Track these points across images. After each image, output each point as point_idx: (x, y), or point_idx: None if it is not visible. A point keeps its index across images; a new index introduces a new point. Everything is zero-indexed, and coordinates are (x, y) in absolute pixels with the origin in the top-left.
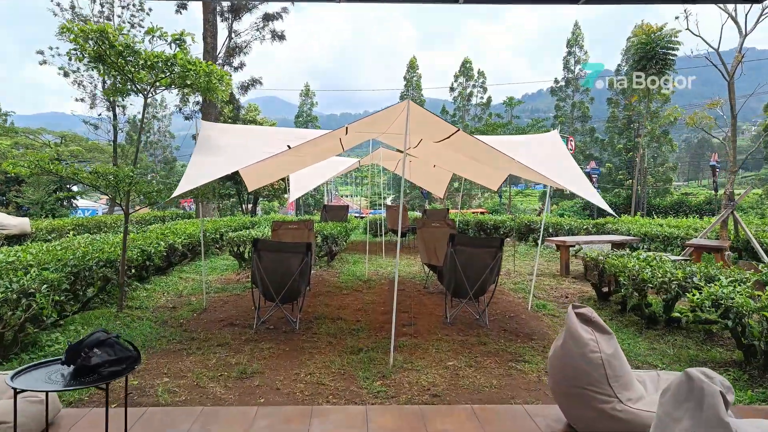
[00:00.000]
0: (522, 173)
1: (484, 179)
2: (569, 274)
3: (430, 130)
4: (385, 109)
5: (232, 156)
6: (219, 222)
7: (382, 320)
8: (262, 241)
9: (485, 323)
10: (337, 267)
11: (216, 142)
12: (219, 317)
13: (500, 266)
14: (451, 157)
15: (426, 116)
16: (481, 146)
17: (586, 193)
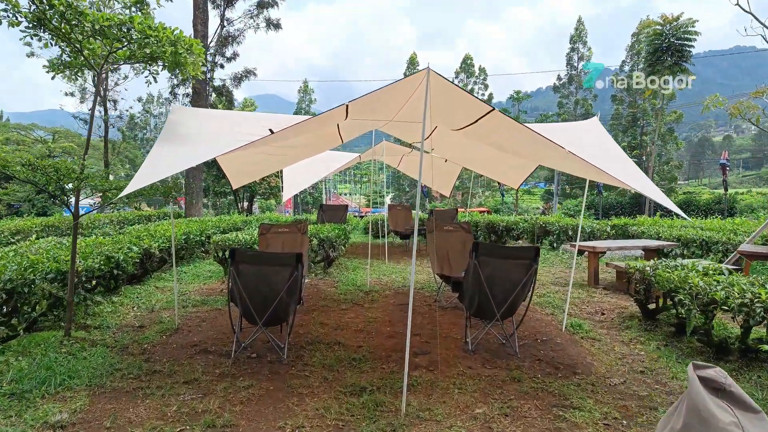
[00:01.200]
0: (571, 168)
1: (504, 175)
2: (599, 284)
3: (453, 110)
4: (397, 82)
5: (201, 144)
6: (205, 222)
7: (390, 346)
8: (240, 252)
9: (515, 351)
10: (334, 274)
11: (185, 128)
12: (192, 341)
13: (534, 282)
14: (470, 150)
15: (451, 91)
16: (523, 133)
17: (654, 193)
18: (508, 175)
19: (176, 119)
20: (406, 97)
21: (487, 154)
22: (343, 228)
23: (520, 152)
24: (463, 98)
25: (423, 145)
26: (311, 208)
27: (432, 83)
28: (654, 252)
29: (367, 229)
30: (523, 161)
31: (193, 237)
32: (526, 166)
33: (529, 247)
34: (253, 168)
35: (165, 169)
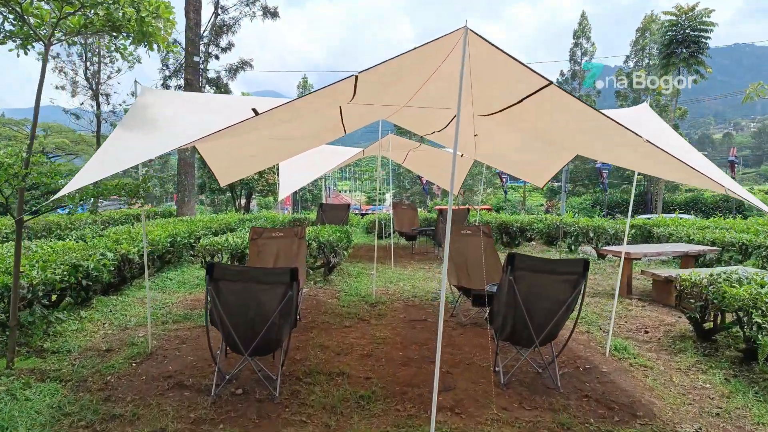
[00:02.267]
0: (642, 165)
1: (528, 172)
2: (632, 293)
3: (492, 86)
4: (423, 46)
5: (172, 130)
6: (195, 223)
7: (404, 378)
8: (219, 268)
9: (556, 384)
10: (336, 282)
11: (154, 113)
12: (166, 370)
13: (582, 302)
14: (493, 142)
15: (494, 60)
16: (588, 117)
17: (743, 193)
18: (534, 172)
19: (145, 102)
20: (429, 69)
21: (513, 147)
22: (346, 230)
23: (572, 142)
24: (510, 69)
25: (459, 120)
26: (311, 205)
27: (473, 45)
28: (692, 258)
29: (369, 229)
30: (554, 156)
31: (181, 239)
32: (556, 161)
33: (577, 261)
34: (244, 163)
35: (113, 164)
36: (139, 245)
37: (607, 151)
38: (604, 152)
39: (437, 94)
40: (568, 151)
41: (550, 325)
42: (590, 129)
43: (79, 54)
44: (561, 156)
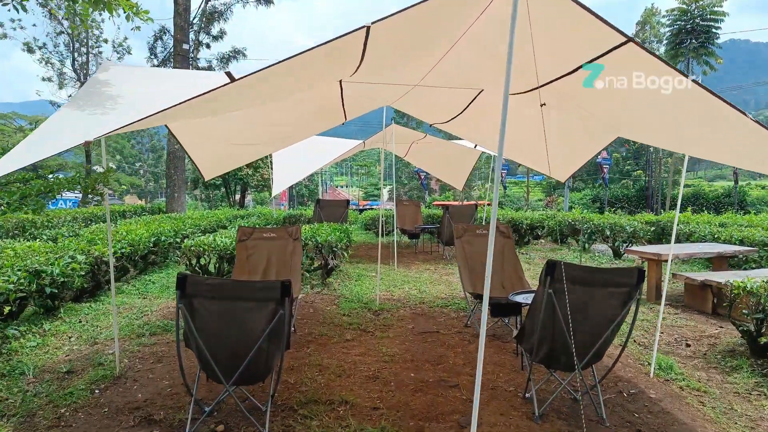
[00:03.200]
0: (731, 152)
1: (554, 165)
2: (660, 298)
3: (545, 46)
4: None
5: (129, 107)
6: (182, 220)
7: (419, 407)
8: (193, 281)
9: (601, 415)
10: (335, 286)
11: (112, 89)
12: (134, 399)
13: (635, 319)
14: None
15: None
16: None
17: None
18: (559, 165)
19: (103, 78)
20: (461, 25)
21: (541, 134)
22: (346, 229)
23: (642, 122)
24: (571, 20)
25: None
26: (307, 201)
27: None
28: (725, 260)
29: (368, 226)
30: (587, 145)
31: (165, 239)
32: (587, 151)
33: (630, 270)
34: (229, 155)
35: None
36: (115, 246)
37: (705, 139)
38: (698, 141)
39: (458, 69)
40: (642, 136)
41: (596, 347)
42: (686, 108)
43: (66, 44)
44: (587, 150)
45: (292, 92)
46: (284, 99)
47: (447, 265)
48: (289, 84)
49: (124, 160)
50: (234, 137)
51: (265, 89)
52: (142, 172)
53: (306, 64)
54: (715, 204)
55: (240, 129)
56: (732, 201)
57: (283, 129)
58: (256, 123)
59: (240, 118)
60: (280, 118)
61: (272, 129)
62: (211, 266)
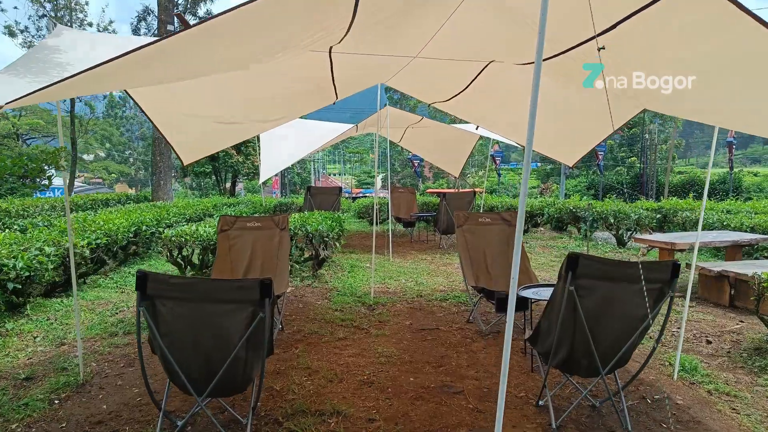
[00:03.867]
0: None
1: (563, 148)
2: None
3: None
4: None
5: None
6: (166, 209)
7: (421, 418)
8: (155, 279)
9: (627, 427)
10: (326, 278)
11: (62, 56)
12: (97, 411)
13: (666, 318)
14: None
15: None
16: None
17: None
18: (567, 148)
19: (55, 44)
20: None
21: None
22: (338, 218)
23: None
24: None
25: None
26: (299, 189)
27: None
28: (739, 249)
29: (361, 214)
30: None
31: (147, 228)
32: (601, 132)
33: (663, 264)
34: (208, 137)
35: None
36: (89, 237)
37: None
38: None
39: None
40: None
41: (622, 350)
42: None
43: (48, 28)
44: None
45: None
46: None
47: (444, 255)
48: (265, 44)
49: (113, 147)
50: (210, 113)
51: (230, 47)
52: (132, 160)
53: (281, 16)
54: (710, 191)
55: (214, 105)
56: (727, 188)
57: (267, 106)
58: (236, 99)
59: (217, 93)
60: (262, 93)
61: (254, 106)
62: (195, 257)
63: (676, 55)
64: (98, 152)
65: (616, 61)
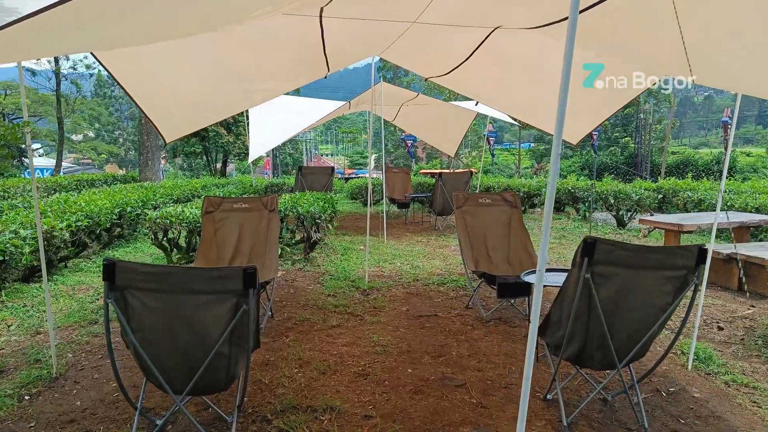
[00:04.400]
0: None
1: (567, 129)
2: None
3: None
4: None
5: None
6: (152, 189)
7: (421, 415)
8: (126, 268)
9: (642, 423)
10: (318, 261)
11: None
12: (70, 409)
13: (689, 307)
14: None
15: None
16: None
17: None
18: (568, 125)
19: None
20: None
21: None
22: (330, 199)
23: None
24: None
25: None
26: (291, 170)
27: None
28: (747, 230)
29: (354, 195)
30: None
31: (132, 210)
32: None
33: (688, 249)
34: (190, 113)
35: None
36: (69, 219)
37: None
38: None
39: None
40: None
41: (641, 343)
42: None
43: None
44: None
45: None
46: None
47: (440, 237)
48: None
49: (102, 128)
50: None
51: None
52: (122, 140)
53: None
54: (704, 171)
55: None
56: (721, 168)
57: (253, 78)
58: (219, 70)
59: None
60: (247, 63)
61: (239, 77)
62: (182, 240)
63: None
64: (88, 132)
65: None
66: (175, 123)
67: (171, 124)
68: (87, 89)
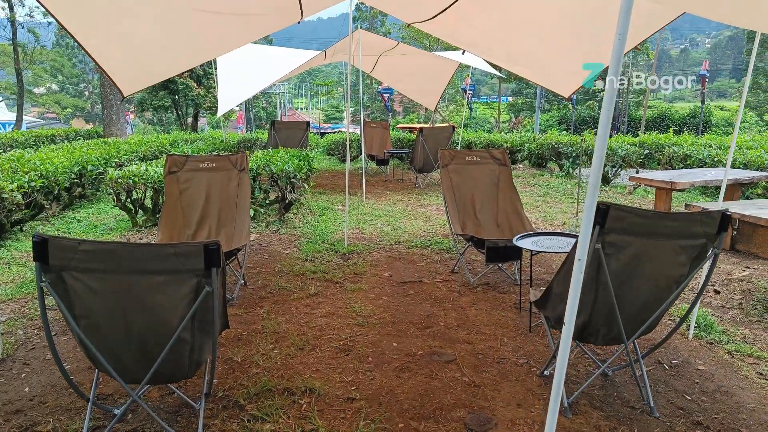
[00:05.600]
0: None
1: (558, 77)
2: None
3: None
4: None
5: None
6: (116, 146)
7: (409, 396)
8: (61, 246)
9: (648, 404)
10: (294, 223)
11: None
12: (18, 396)
13: (706, 277)
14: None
15: None
16: None
17: None
18: (561, 77)
19: None
20: None
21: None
22: (306, 156)
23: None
24: None
25: None
26: (265, 124)
27: None
28: (738, 188)
29: (330, 151)
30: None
31: (92, 168)
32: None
33: (709, 215)
34: (150, 61)
35: None
36: (20, 179)
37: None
38: None
39: None
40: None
41: (651, 318)
42: None
43: None
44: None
45: None
46: None
47: (421, 196)
48: None
49: (66, 80)
50: (145, 31)
51: None
52: (87, 93)
53: None
54: (680, 124)
55: (153, 18)
56: (697, 122)
57: (217, 22)
58: (178, 11)
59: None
60: (210, 4)
61: (200, 22)
62: (148, 201)
63: None
64: (51, 85)
65: None
66: (133, 74)
67: (128, 75)
68: (47, 39)
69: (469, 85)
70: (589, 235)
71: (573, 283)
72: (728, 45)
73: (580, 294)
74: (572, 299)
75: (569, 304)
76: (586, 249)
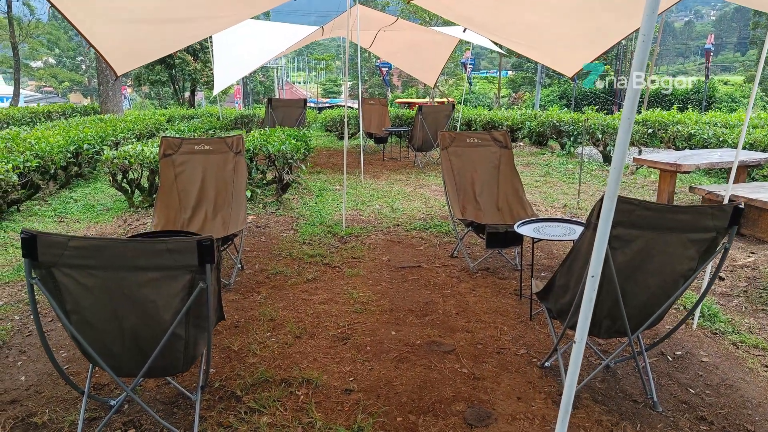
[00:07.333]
0: None
1: (563, 56)
2: None
3: None
4: None
5: None
6: (112, 124)
7: (407, 387)
8: (50, 242)
9: (651, 398)
10: (291, 204)
11: None
12: (12, 387)
13: (716, 271)
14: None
15: None
16: None
17: None
18: (567, 55)
19: None
20: None
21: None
22: (303, 136)
23: None
24: None
25: None
26: (263, 99)
27: None
28: (744, 170)
29: (328, 127)
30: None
31: (89, 148)
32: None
33: (721, 208)
34: (141, 38)
35: None
36: (16, 159)
37: None
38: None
39: None
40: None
41: (657, 312)
42: None
43: None
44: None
45: None
46: None
47: (420, 175)
48: None
49: (63, 53)
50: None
51: None
52: (85, 67)
53: None
54: (683, 100)
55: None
56: (701, 97)
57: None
58: None
59: None
60: None
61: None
62: (144, 181)
63: None
64: (48, 59)
65: None
66: (126, 53)
67: (121, 53)
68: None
69: (469, 58)
70: (602, 253)
71: (584, 302)
72: (734, 17)
73: (578, 281)
74: (583, 321)
75: (580, 323)
76: (600, 266)
